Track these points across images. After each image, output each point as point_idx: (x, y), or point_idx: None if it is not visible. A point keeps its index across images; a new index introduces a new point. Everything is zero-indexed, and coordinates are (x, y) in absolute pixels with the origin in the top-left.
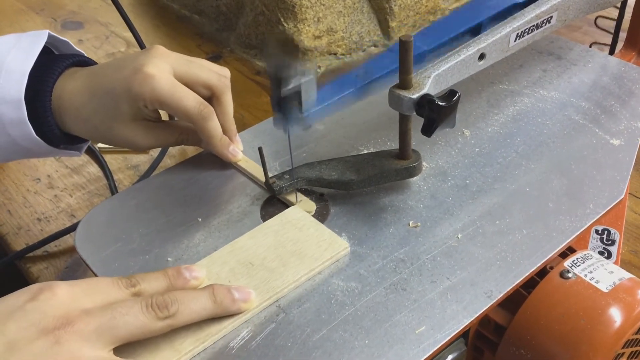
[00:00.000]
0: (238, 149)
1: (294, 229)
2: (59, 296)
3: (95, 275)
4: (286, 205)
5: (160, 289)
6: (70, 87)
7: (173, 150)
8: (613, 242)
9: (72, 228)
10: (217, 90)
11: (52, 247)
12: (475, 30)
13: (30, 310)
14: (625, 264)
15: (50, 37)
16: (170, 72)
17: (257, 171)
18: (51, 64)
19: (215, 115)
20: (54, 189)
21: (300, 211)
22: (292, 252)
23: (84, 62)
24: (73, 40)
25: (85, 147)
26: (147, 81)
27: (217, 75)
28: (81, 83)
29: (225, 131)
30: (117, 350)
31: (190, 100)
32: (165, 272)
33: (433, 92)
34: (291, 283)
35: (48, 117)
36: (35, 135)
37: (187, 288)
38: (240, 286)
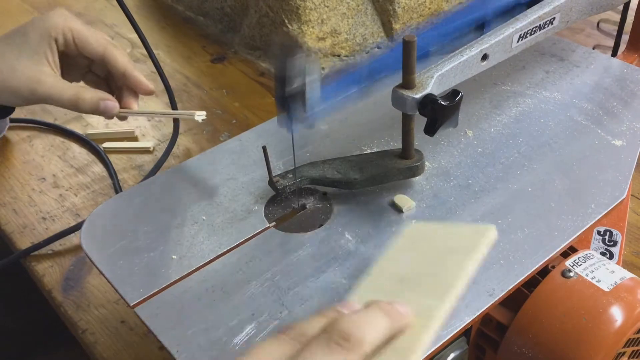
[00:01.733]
0: None
1: (426, 236)
2: None
3: (101, 273)
4: (288, 204)
5: None
6: None
7: (177, 150)
8: (615, 243)
9: (77, 227)
10: (114, 45)
11: (57, 245)
12: (479, 28)
13: None
14: (627, 265)
15: None
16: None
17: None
18: None
19: None
20: (59, 188)
21: (423, 224)
22: (442, 253)
23: None
24: None
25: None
26: (60, 15)
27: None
28: None
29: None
30: None
31: (101, 36)
32: (325, 315)
33: (436, 92)
34: (462, 277)
35: None
36: None
37: None
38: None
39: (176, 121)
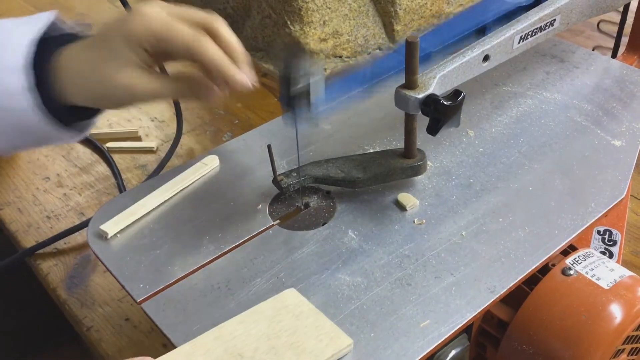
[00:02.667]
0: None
1: (290, 316)
2: None
3: (108, 269)
4: (293, 204)
5: None
6: (66, 49)
7: (180, 150)
8: (615, 243)
9: (82, 226)
10: (209, 23)
11: (61, 244)
12: (480, 32)
13: None
14: (626, 264)
15: (58, 18)
16: (164, 12)
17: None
18: (51, 39)
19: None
20: (63, 187)
21: (298, 295)
22: (288, 344)
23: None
24: None
25: (87, 131)
26: (140, 18)
27: (207, 14)
28: (78, 42)
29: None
30: None
31: (186, 29)
32: None
33: (438, 93)
34: None
35: (45, 80)
36: (41, 103)
37: None
38: None
39: (179, 122)
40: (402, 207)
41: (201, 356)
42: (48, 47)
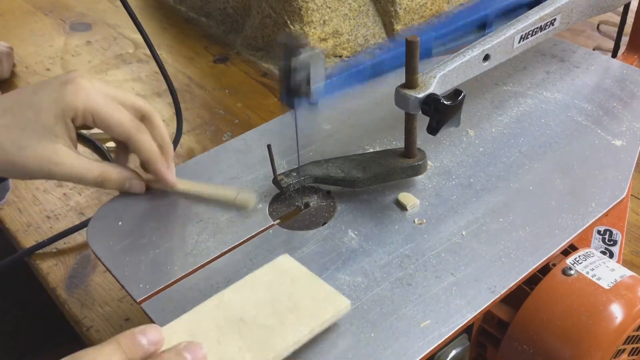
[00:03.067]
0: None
1: (287, 280)
2: None
3: (107, 269)
4: (293, 204)
5: None
6: None
7: (180, 149)
8: (615, 243)
9: (82, 226)
10: (147, 112)
11: (61, 244)
12: (481, 29)
13: None
14: (626, 264)
15: None
16: (103, 90)
17: (207, 189)
18: None
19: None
20: (63, 187)
21: (292, 260)
22: (288, 308)
23: None
24: (81, 42)
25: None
26: (80, 91)
27: (143, 100)
28: None
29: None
30: None
31: (124, 113)
32: (118, 344)
33: (438, 92)
34: (293, 344)
35: None
36: None
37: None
38: (192, 344)
39: (179, 121)
40: (402, 207)
41: (204, 323)
42: None
